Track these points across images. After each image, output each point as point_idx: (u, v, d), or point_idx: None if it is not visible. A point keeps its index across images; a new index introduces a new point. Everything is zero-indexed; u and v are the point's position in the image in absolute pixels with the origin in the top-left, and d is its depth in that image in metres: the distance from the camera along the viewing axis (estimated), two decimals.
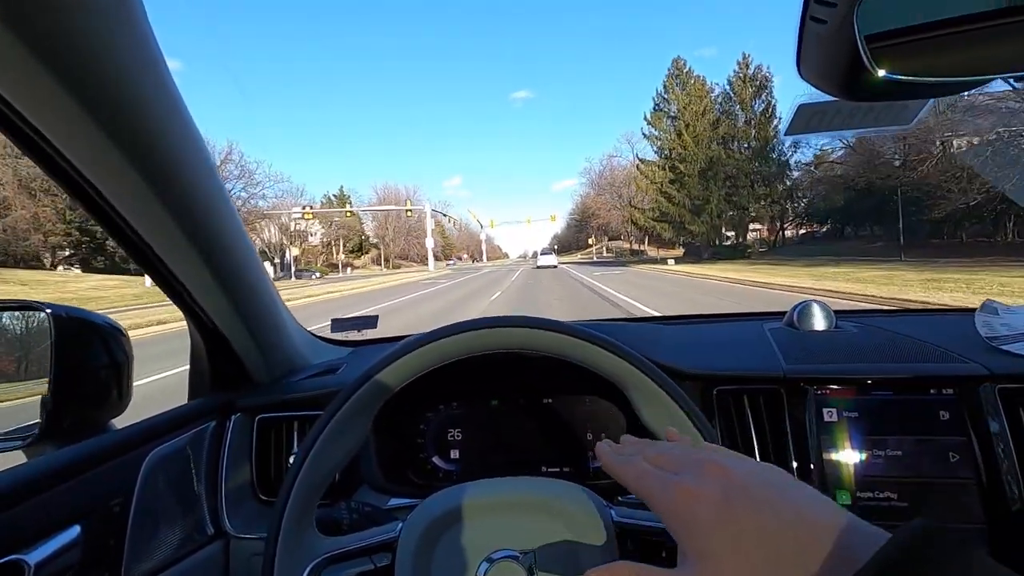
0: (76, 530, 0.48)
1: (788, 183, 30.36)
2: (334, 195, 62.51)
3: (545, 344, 0.48)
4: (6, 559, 0.43)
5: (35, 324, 0.60)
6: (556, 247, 52.80)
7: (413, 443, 0.75)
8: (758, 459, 0.60)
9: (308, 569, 0.43)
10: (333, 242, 58.48)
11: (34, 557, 0.44)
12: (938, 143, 18.29)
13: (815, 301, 0.82)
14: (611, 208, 56.57)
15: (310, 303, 11.63)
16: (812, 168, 29.94)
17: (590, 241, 63.70)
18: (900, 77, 0.31)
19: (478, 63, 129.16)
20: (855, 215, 28.13)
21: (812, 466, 0.60)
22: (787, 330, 0.80)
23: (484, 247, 78.74)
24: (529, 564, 0.43)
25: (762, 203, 30.20)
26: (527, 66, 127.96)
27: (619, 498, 0.63)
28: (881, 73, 0.30)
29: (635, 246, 54.63)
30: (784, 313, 0.86)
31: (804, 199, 32.38)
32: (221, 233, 0.57)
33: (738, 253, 28.01)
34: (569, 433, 0.73)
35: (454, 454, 0.74)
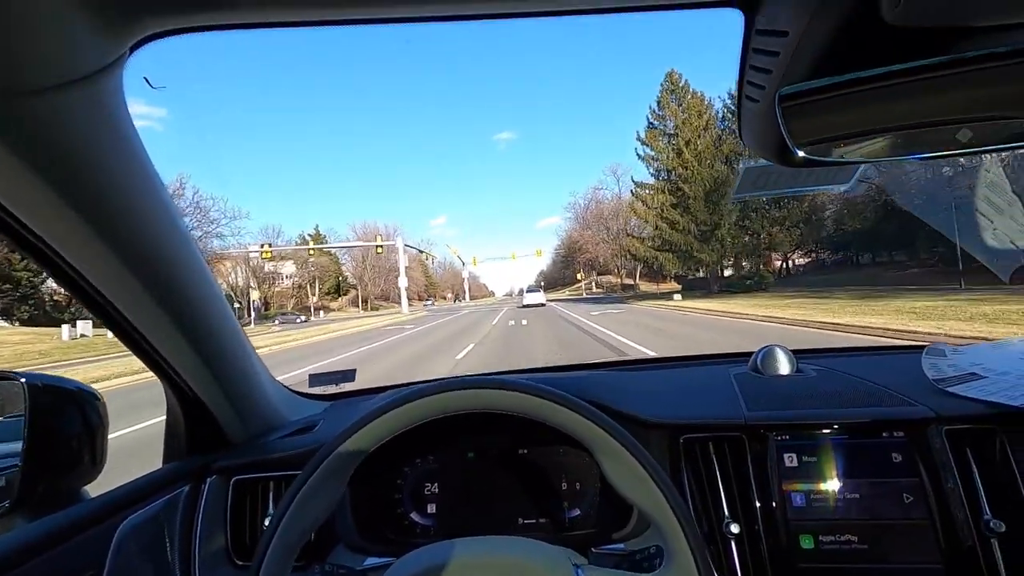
0: None
1: (804, 205, 28.25)
2: (309, 235, 63.17)
3: (510, 404, 0.54)
4: None
5: (8, 394, 0.68)
6: (543, 284, 50.57)
7: (390, 498, 0.81)
8: (725, 508, 0.70)
9: None
10: (308, 284, 58.70)
11: None
12: None
13: (778, 346, 0.92)
14: (599, 242, 57.73)
15: None
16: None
17: (578, 276, 63.23)
18: (820, 159, 0.37)
19: (462, 106, 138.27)
20: (882, 239, 27.31)
21: (776, 512, 0.69)
22: (751, 375, 0.90)
23: (467, 285, 78.09)
24: None
25: (777, 228, 28.32)
26: (509, 109, 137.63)
27: (593, 550, 0.70)
28: (801, 155, 0.36)
29: (626, 280, 55.40)
30: (750, 355, 0.95)
31: (825, 221, 30.83)
32: (192, 294, 0.63)
33: (754, 285, 25.51)
34: (545, 483, 0.80)
35: (431, 508, 0.81)
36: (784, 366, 0.90)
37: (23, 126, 0.40)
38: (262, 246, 33.47)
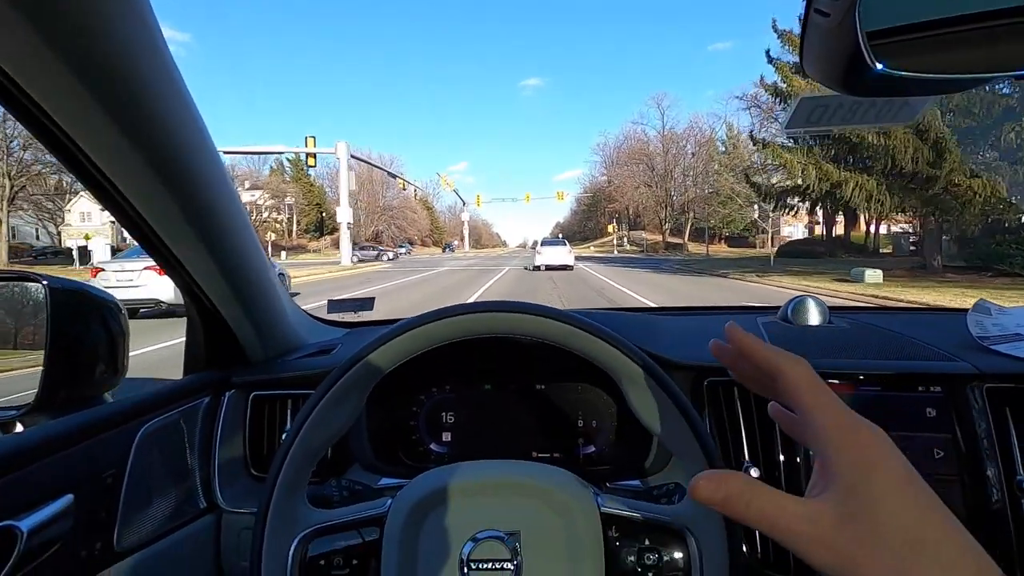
0: (69, 499, 0.61)
1: None
2: (288, 158, 62.42)
3: (538, 330, 0.59)
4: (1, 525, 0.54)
5: (32, 295, 0.77)
6: (560, 236, 47.29)
7: (406, 425, 0.93)
8: (746, 452, 0.79)
9: (297, 539, 0.57)
10: (289, 218, 58.52)
11: (27, 524, 0.55)
12: None
13: (810, 296, 1.00)
14: (639, 185, 55.38)
15: None
16: None
17: (609, 229, 58.55)
18: (900, 73, 0.37)
19: (488, 48, 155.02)
20: None
21: (798, 459, 0.77)
22: (780, 324, 0.99)
23: (466, 230, 72.81)
24: (513, 545, 0.56)
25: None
26: (538, 53, 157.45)
27: (607, 484, 0.80)
28: (880, 68, 0.36)
29: (670, 237, 52.66)
30: (778, 308, 1.04)
31: None
32: (221, 213, 0.72)
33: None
34: (561, 419, 0.91)
35: (446, 437, 0.93)
36: (814, 317, 0.98)
37: (67, 19, 0.45)
38: None
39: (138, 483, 0.71)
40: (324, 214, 61.27)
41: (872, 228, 31.19)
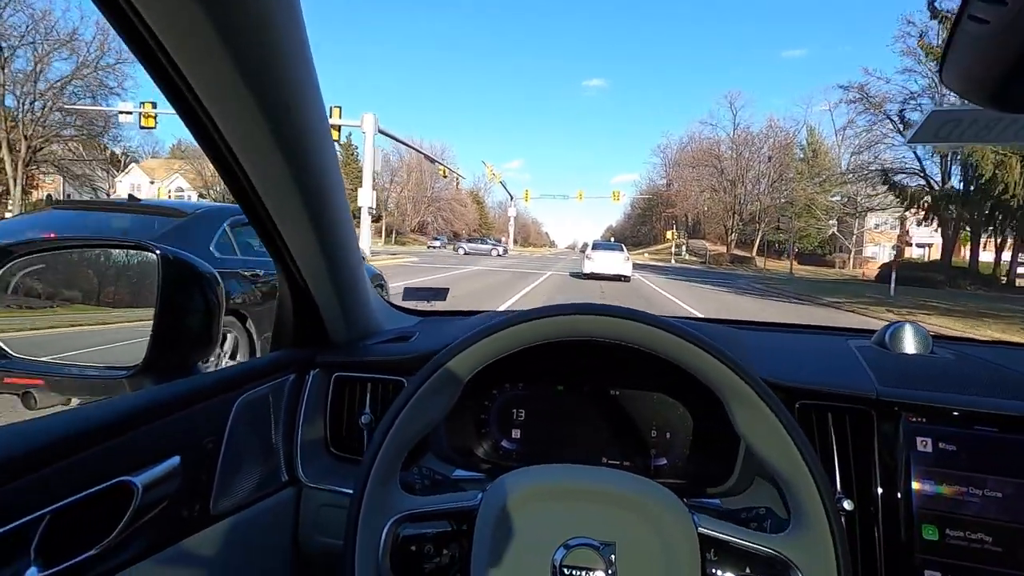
0: (176, 460, 0.68)
1: None
2: (339, 141, 64.33)
3: (644, 339, 0.61)
4: (118, 480, 0.61)
5: (145, 263, 0.86)
6: (613, 240, 43.53)
7: (477, 418, 0.98)
8: (839, 483, 0.78)
9: (391, 521, 0.61)
10: None
11: (142, 480, 0.62)
12: None
13: (909, 323, 0.97)
14: (705, 189, 54.00)
15: None
16: None
17: (668, 235, 57.57)
18: None
19: (553, 46, 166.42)
20: None
21: (899, 495, 0.76)
22: (877, 349, 0.97)
23: (512, 227, 70.49)
24: (608, 556, 0.57)
25: None
26: (603, 54, 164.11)
27: (684, 500, 0.81)
28: None
29: (735, 249, 50.94)
30: (871, 332, 1.02)
31: None
32: (329, 196, 0.79)
33: None
34: (632, 427, 0.93)
35: (515, 434, 0.97)
36: (914, 345, 0.96)
37: None
38: (143, 104, 21.74)
39: (233, 451, 0.79)
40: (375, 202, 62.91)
41: (1003, 255, 27.17)
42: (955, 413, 0.77)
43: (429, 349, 0.91)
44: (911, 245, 42.60)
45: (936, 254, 40.26)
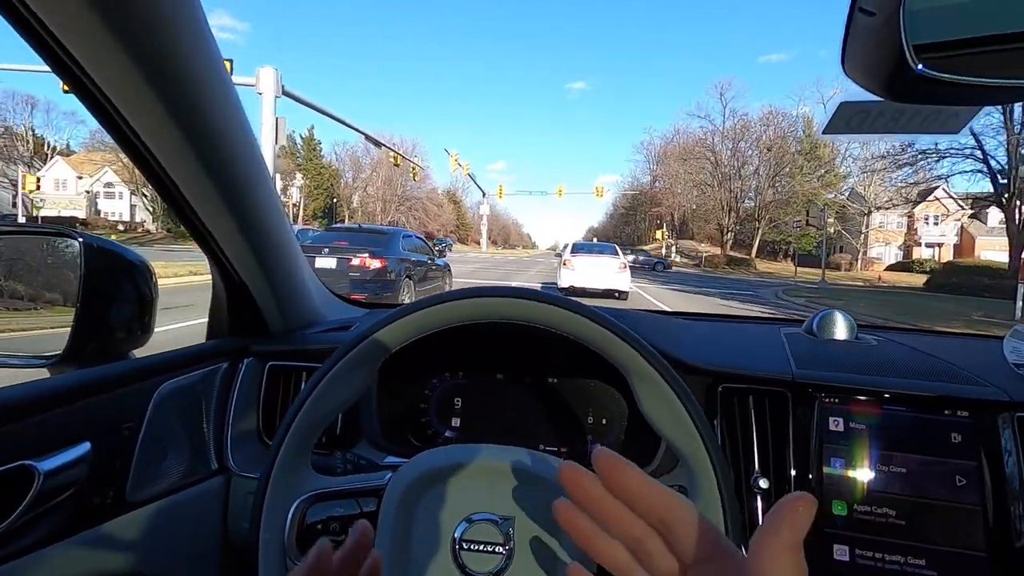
0: (86, 446, 0.72)
1: None
2: (300, 135, 64.02)
3: (550, 319, 0.67)
4: (17, 464, 0.64)
5: (67, 251, 0.92)
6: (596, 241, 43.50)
7: (416, 407, 1.08)
8: (757, 463, 0.88)
9: (297, 502, 0.66)
10: (296, 203, 60.15)
11: (45, 465, 0.65)
12: None
13: (838, 311, 1.10)
14: (699, 184, 54.14)
15: None
16: None
17: (658, 235, 57.58)
18: (943, 76, 0.39)
19: (536, 48, 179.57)
20: None
21: (811, 475, 0.87)
22: (804, 336, 1.09)
23: (485, 226, 70.22)
24: (507, 529, 0.63)
25: None
26: (585, 57, 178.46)
27: None
28: (921, 69, 0.38)
29: (730, 251, 50.75)
30: (803, 320, 1.15)
31: None
32: (250, 184, 0.86)
33: None
34: (570, 414, 1.04)
35: (455, 422, 1.07)
36: (841, 331, 1.09)
37: None
38: None
39: (153, 438, 0.85)
40: (335, 199, 62.31)
41: None
42: (866, 394, 0.88)
43: None
44: (920, 244, 43.59)
45: (948, 254, 41.02)
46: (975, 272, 24.88)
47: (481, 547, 0.64)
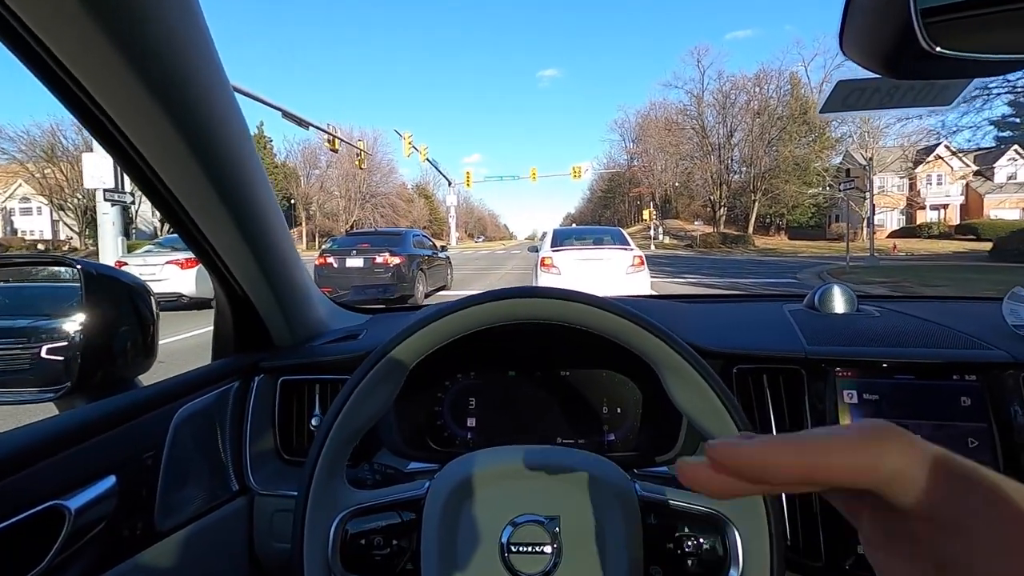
0: (112, 480, 0.76)
1: None
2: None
3: (581, 318, 0.72)
4: (49, 504, 0.67)
5: (66, 279, 0.97)
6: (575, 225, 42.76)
7: (431, 410, 1.15)
8: None
9: (337, 519, 0.71)
10: None
11: (74, 503, 0.68)
12: None
13: (837, 284, 1.20)
14: (684, 157, 54.08)
15: None
16: None
17: (645, 215, 53.86)
18: (952, 53, 0.41)
19: (506, 37, 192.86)
20: None
21: None
22: (807, 312, 1.19)
23: (453, 218, 66.55)
24: (553, 529, 0.68)
25: None
26: (555, 44, 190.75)
27: (635, 471, 0.99)
28: (927, 47, 0.41)
29: (724, 228, 49.99)
30: (804, 295, 1.25)
31: None
32: (253, 197, 0.89)
33: None
34: (585, 406, 1.12)
35: (471, 422, 1.15)
36: (842, 305, 1.19)
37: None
38: None
39: (175, 465, 0.90)
40: (292, 202, 61.13)
41: None
42: (876, 364, 0.97)
43: (376, 345, 1.05)
44: (924, 208, 44.16)
45: (954, 216, 41.47)
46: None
47: (529, 548, 0.68)
